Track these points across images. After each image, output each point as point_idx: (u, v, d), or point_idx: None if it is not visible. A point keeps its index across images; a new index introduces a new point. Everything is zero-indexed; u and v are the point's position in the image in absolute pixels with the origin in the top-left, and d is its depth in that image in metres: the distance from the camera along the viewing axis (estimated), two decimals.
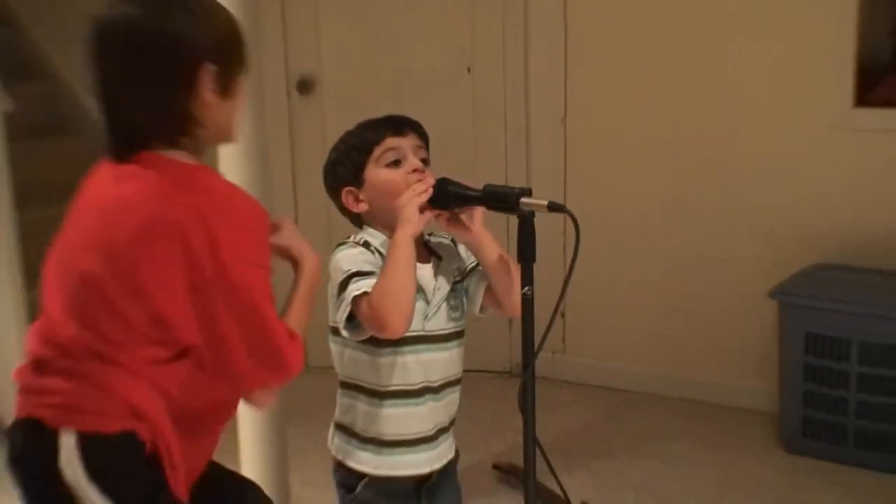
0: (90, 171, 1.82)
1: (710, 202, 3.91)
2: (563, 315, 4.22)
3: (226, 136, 1.83)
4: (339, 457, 2.04)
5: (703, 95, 3.88)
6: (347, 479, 2.03)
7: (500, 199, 1.86)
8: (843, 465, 3.41)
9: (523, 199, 1.83)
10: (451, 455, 2.11)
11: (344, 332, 1.92)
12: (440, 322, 2.01)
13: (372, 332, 1.88)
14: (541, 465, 1.97)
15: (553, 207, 1.80)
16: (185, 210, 1.64)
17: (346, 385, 2.03)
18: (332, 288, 1.93)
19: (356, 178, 1.98)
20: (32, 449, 1.72)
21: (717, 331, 3.96)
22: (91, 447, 1.67)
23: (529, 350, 1.86)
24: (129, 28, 1.68)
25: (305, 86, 4.32)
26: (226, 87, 1.74)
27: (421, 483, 2.06)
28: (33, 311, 3.66)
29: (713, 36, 3.82)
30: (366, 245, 1.95)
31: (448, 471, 2.11)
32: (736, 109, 3.82)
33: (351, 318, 1.88)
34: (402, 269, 1.84)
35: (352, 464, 2.02)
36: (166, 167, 1.71)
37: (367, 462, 2.01)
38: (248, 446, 2.88)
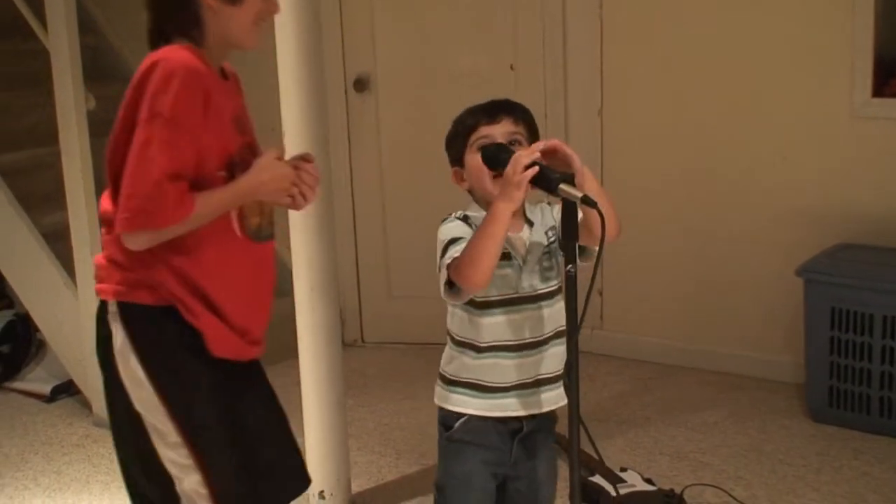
0: None
1: (739, 187, 3.84)
2: (600, 293, 4.16)
3: (235, 42, 1.90)
4: (440, 402, 2.05)
5: (733, 88, 3.79)
6: (447, 419, 2.04)
7: (545, 181, 1.84)
8: (867, 433, 3.34)
9: (561, 186, 1.81)
10: (552, 406, 2.05)
11: (444, 297, 1.94)
12: (533, 284, 1.98)
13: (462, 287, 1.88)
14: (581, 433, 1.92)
15: (585, 201, 1.78)
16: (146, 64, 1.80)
17: (455, 341, 2.03)
18: (438, 259, 1.95)
19: (459, 161, 2.01)
20: (98, 321, 1.87)
21: (746, 307, 3.88)
22: (126, 314, 1.81)
23: (573, 322, 1.86)
24: None
25: (361, 84, 4.29)
26: None
27: (515, 432, 2.04)
28: None
29: (744, 33, 3.74)
30: (464, 219, 1.96)
31: (544, 427, 2.08)
32: (764, 100, 3.74)
33: (452, 285, 1.90)
34: (497, 230, 1.83)
35: (451, 406, 2.03)
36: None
37: (466, 403, 2.01)
38: (311, 417, 2.90)
